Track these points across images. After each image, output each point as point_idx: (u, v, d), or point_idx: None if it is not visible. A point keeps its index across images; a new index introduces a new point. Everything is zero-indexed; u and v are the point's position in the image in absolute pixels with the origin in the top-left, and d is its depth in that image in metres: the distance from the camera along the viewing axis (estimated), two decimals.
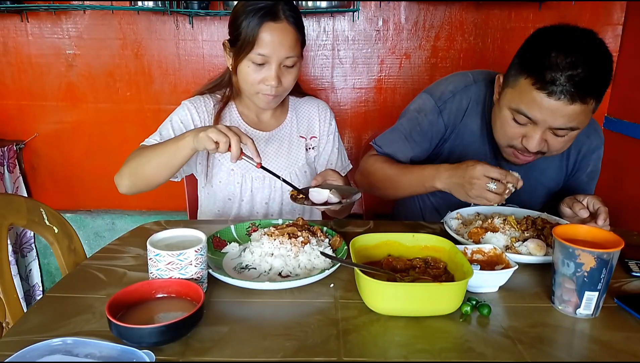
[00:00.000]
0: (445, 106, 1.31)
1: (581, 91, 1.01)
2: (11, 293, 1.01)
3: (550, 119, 1.06)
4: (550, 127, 1.08)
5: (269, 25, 1.18)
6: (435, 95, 1.33)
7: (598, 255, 0.80)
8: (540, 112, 1.06)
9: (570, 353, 0.75)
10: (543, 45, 1.06)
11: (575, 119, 1.06)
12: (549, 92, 1.02)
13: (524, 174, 1.33)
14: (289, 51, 1.21)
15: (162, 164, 1.15)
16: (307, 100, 1.48)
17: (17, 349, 0.66)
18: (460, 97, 1.31)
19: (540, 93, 1.04)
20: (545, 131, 1.10)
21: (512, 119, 1.13)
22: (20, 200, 1.12)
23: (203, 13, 1.97)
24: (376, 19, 2.07)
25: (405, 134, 1.35)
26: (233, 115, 1.38)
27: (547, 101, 1.03)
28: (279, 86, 1.24)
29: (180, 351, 0.72)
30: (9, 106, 2.19)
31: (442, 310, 0.82)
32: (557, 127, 1.08)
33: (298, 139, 1.43)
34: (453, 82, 1.34)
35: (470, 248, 0.98)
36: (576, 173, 1.38)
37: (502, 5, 2.01)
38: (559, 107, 1.03)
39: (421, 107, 1.34)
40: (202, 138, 1.04)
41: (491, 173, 1.05)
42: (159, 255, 0.82)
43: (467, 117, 1.31)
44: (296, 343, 0.74)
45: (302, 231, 1.04)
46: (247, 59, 1.22)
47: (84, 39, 2.10)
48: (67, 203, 2.32)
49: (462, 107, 1.31)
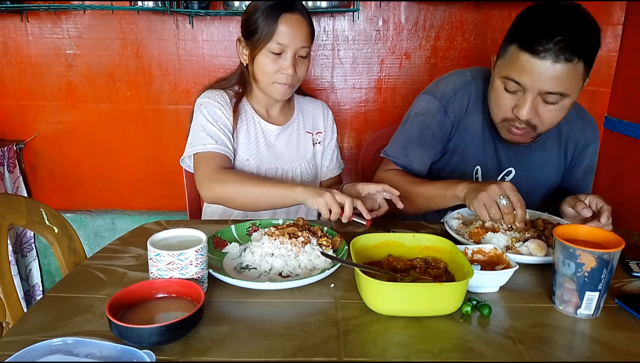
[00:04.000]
0: (449, 104, 1.31)
1: (565, 49, 1.02)
2: (11, 293, 1.01)
3: (537, 81, 1.06)
4: (539, 92, 1.08)
5: (286, 17, 1.27)
6: (438, 95, 1.32)
7: (599, 255, 0.80)
8: (528, 75, 1.07)
9: (571, 353, 0.75)
10: (531, 16, 1.10)
11: (564, 83, 1.06)
12: (533, 51, 1.04)
13: (524, 170, 1.33)
14: (304, 41, 1.30)
15: (260, 203, 1.21)
16: (309, 99, 1.56)
17: (18, 349, 0.66)
18: (461, 95, 1.31)
19: (526, 54, 1.06)
20: (536, 98, 1.10)
21: (503, 89, 1.14)
22: (20, 200, 1.12)
23: (203, 13, 1.97)
24: (376, 19, 2.07)
25: (417, 140, 1.32)
26: (247, 109, 1.44)
27: (532, 61, 1.05)
28: (294, 75, 1.31)
29: (180, 351, 0.72)
30: (9, 106, 2.19)
31: (442, 310, 0.82)
32: (545, 91, 1.08)
33: (305, 135, 1.50)
34: (452, 81, 1.33)
35: (471, 248, 0.98)
36: (572, 167, 1.39)
37: (502, 5, 2.01)
38: (545, 67, 1.04)
39: (427, 110, 1.33)
40: (320, 203, 1.11)
41: (511, 193, 1.03)
42: (160, 255, 0.82)
43: (468, 114, 1.31)
44: (296, 343, 0.74)
45: (303, 231, 1.04)
46: (266, 49, 1.29)
47: (84, 39, 2.09)
48: (67, 203, 2.32)
49: (463, 104, 1.31)
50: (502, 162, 1.34)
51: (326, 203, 1.10)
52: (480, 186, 1.08)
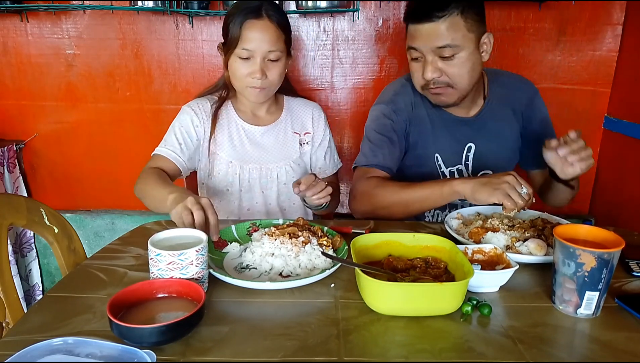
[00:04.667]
0: (395, 105, 1.41)
1: (435, 8, 1.21)
2: (11, 293, 1.01)
3: (426, 41, 1.25)
4: (433, 51, 1.25)
5: (250, 23, 1.29)
6: (384, 102, 1.44)
7: (599, 255, 0.80)
8: (418, 39, 1.26)
9: (571, 353, 0.75)
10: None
11: (448, 36, 1.22)
12: (412, 20, 1.26)
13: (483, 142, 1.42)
14: (271, 46, 1.31)
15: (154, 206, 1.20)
16: (301, 100, 1.57)
17: (18, 349, 0.66)
18: (402, 95, 1.43)
19: (411, 25, 1.27)
20: (434, 58, 1.26)
21: (411, 60, 1.32)
22: (20, 200, 1.12)
23: (203, 13, 1.97)
24: (376, 18, 2.07)
25: (381, 141, 1.40)
26: (230, 112, 1.47)
27: (415, 28, 1.26)
28: (264, 79, 1.33)
29: (181, 351, 0.72)
30: (9, 106, 2.18)
31: (442, 310, 0.82)
32: (436, 47, 1.24)
33: (292, 135, 1.51)
34: (391, 88, 1.47)
35: (471, 248, 0.98)
36: (528, 125, 1.46)
37: (502, 5, 2.01)
38: (426, 28, 1.23)
39: (379, 116, 1.42)
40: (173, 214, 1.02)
41: (523, 180, 1.11)
42: (160, 254, 0.82)
43: (414, 109, 1.42)
44: (297, 343, 0.74)
45: (303, 231, 1.04)
46: (235, 54, 1.33)
47: (83, 39, 2.09)
48: (66, 203, 2.31)
49: (407, 102, 1.42)
50: (460, 140, 1.42)
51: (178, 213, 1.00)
52: (490, 179, 1.13)
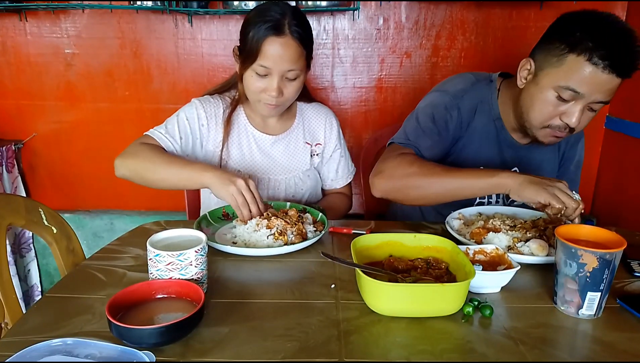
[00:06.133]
0: (461, 102, 1.29)
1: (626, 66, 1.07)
2: (10, 293, 1.00)
3: (596, 92, 1.10)
4: (592, 101, 1.12)
5: (271, 40, 1.21)
6: (449, 92, 1.30)
7: (600, 255, 0.80)
8: (590, 86, 1.09)
9: (573, 354, 0.75)
10: (590, 27, 1.09)
11: (612, 93, 1.11)
12: (603, 66, 1.06)
13: (525, 169, 1.34)
14: (291, 65, 1.24)
15: (167, 182, 1.17)
16: (315, 106, 1.50)
17: (17, 350, 0.66)
18: (470, 96, 1.30)
19: (593, 67, 1.07)
20: (585, 108, 1.13)
21: (556, 97, 1.14)
22: (19, 200, 1.11)
23: (202, 12, 1.96)
24: (377, 17, 2.06)
25: (429, 130, 1.27)
26: (241, 118, 1.41)
27: (600, 75, 1.07)
28: (279, 97, 1.27)
29: (180, 352, 0.72)
30: (8, 106, 2.18)
31: (444, 311, 0.82)
32: (597, 101, 1.12)
33: (304, 146, 1.46)
34: (461, 82, 1.33)
35: (472, 248, 0.98)
36: (565, 163, 1.44)
37: (503, 4, 2.00)
38: (607, 80, 1.08)
39: (438, 104, 1.29)
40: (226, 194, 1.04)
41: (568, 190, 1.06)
42: (159, 255, 0.82)
43: (477, 115, 1.31)
44: (297, 344, 0.74)
45: (294, 225, 1.10)
46: (251, 69, 1.25)
47: (82, 38, 2.09)
48: (65, 203, 2.31)
49: (472, 105, 1.30)
50: (507, 162, 1.35)
51: (232, 195, 1.01)
52: (541, 179, 1.06)
